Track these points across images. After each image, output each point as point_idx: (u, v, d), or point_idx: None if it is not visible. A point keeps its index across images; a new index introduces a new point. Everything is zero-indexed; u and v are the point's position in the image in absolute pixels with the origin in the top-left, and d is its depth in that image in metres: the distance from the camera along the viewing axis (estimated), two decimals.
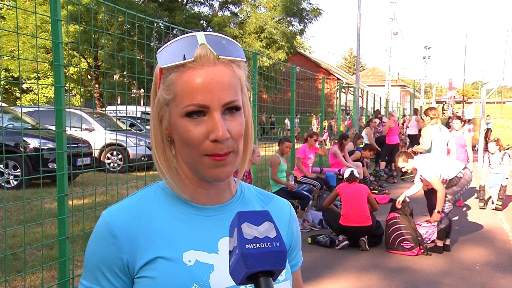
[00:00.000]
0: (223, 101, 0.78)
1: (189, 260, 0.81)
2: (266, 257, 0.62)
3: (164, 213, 0.85)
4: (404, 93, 45.81)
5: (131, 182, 5.97)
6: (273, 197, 1.00)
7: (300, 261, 1.01)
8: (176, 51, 0.79)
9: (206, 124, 0.78)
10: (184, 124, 0.79)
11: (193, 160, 0.81)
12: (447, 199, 5.31)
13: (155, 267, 0.80)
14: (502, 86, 38.91)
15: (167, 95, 0.81)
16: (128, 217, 0.83)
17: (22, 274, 3.75)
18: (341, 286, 4.41)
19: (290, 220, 0.98)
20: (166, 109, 0.83)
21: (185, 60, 0.78)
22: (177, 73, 0.79)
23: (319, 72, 26.02)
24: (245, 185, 0.97)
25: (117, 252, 0.81)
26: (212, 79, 0.78)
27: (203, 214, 0.86)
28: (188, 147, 0.80)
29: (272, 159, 6.54)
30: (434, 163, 5.42)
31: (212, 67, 0.78)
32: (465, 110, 33.53)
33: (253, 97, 6.91)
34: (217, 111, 0.78)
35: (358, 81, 15.36)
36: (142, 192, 0.89)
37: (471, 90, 72.15)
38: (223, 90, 0.78)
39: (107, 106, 14.27)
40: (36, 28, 5.50)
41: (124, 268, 0.82)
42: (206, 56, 0.78)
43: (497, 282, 4.57)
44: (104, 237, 0.82)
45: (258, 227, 0.65)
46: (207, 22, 24.94)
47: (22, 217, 5.96)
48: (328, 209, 5.94)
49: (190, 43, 0.79)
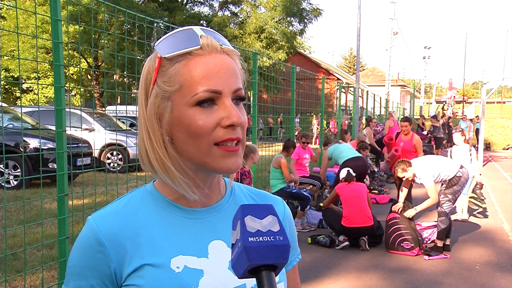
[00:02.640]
0: (233, 87, 0.78)
1: (177, 266, 0.79)
2: (269, 250, 0.62)
3: (151, 217, 0.82)
4: (404, 93, 45.82)
5: (131, 182, 5.97)
6: (266, 196, 0.98)
7: (296, 259, 0.99)
8: (178, 41, 0.78)
9: (217, 112, 0.76)
10: (193, 114, 0.76)
11: (201, 153, 0.78)
12: (447, 198, 5.30)
13: (142, 274, 0.77)
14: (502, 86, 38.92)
15: (170, 86, 0.78)
16: (115, 223, 0.80)
17: (22, 274, 3.75)
18: (341, 286, 4.41)
19: (284, 217, 0.96)
20: (166, 104, 0.78)
21: (193, 47, 0.77)
22: (182, 62, 0.77)
23: (319, 72, 26.03)
24: (235, 184, 0.95)
25: (104, 260, 0.78)
26: (222, 65, 0.77)
27: (192, 217, 0.84)
28: (197, 139, 0.77)
29: (282, 160, 6.52)
30: (432, 166, 5.41)
31: (220, 54, 0.78)
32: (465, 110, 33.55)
33: (253, 97, 6.91)
34: (228, 98, 0.77)
35: (358, 81, 15.35)
36: (128, 196, 0.86)
37: (471, 90, 72.15)
38: (232, 77, 0.78)
39: (107, 106, 14.28)
40: (36, 28, 5.50)
41: (111, 277, 0.79)
42: (212, 44, 0.78)
43: (497, 282, 4.57)
44: (90, 245, 0.79)
45: (262, 220, 0.65)
46: (207, 22, 24.93)
47: (22, 217, 5.96)
48: (328, 209, 5.93)
49: (190, 34, 0.79)
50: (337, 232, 5.72)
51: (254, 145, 5.84)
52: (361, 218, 5.44)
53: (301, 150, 7.46)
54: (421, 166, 5.44)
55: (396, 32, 27.10)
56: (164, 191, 0.85)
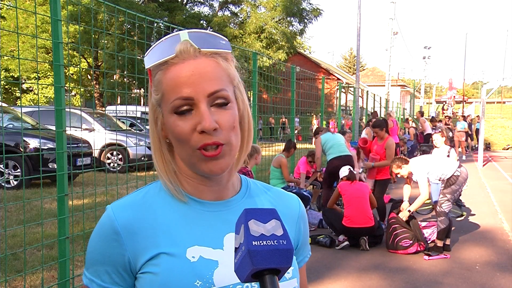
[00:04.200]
0: (207, 91, 0.78)
1: (193, 256, 0.81)
2: (272, 254, 0.62)
3: (168, 209, 0.85)
4: (404, 93, 45.81)
5: (131, 182, 5.97)
6: (282, 193, 0.99)
7: (307, 256, 1.00)
8: (159, 51, 0.81)
9: (193, 117, 0.79)
10: (173, 120, 0.80)
11: (188, 156, 0.82)
12: (446, 198, 5.29)
13: (158, 263, 0.80)
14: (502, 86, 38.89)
15: (156, 95, 0.82)
16: (132, 214, 0.83)
17: (22, 274, 3.75)
18: (341, 286, 4.41)
19: (299, 216, 0.97)
20: (159, 110, 0.84)
21: (166, 57, 0.79)
22: (162, 72, 0.81)
23: (319, 72, 26.03)
24: (251, 180, 0.97)
25: (118, 248, 0.81)
26: (194, 71, 0.78)
27: (208, 210, 0.86)
28: (181, 143, 0.81)
29: (283, 160, 6.52)
30: (428, 164, 5.41)
31: (194, 60, 0.79)
32: (465, 110, 33.56)
33: (253, 97, 6.90)
34: (202, 103, 0.78)
35: (358, 81, 15.35)
36: (147, 188, 0.89)
37: (471, 90, 72.13)
38: (206, 81, 0.79)
39: (107, 106, 14.29)
40: (36, 28, 5.50)
41: (125, 265, 0.82)
42: (186, 50, 0.79)
43: (497, 282, 4.57)
44: (106, 233, 0.83)
45: (265, 224, 0.65)
46: (207, 22, 24.95)
47: (22, 217, 5.96)
48: (330, 209, 5.93)
49: (174, 41, 0.81)
50: (338, 232, 5.71)
51: (258, 146, 5.84)
52: (362, 219, 5.44)
53: (309, 167, 7.59)
54: (417, 164, 5.47)
55: (396, 32, 27.09)
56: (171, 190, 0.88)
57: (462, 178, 5.29)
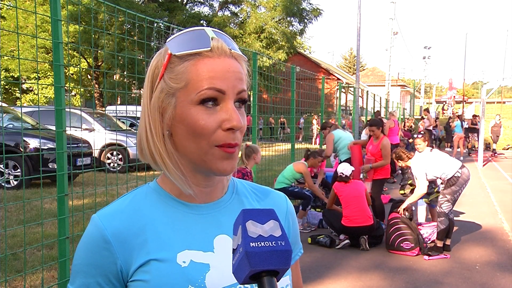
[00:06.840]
0: (237, 89, 0.80)
1: (184, 261, 0.80)
2: (271, 256, 0.61)
3: (156, 213, 0.83)
4: (404, 93, 45.82)
5: (131, 182, 5.98)
6: (269, 192, 0.98)
7: (298, 254, 1.00)
8: (189, 40, 0.80)
9: (219, 113, 0.78)
10: (196, 112, 0.78)
11: (202, 152, 0.80)
12: (446, 198, 5.28)
13: (148, 269, 0.78)
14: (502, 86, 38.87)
15: (176, 83, 0.80)
16: (120, 221, 0.81)
17: (22, 274, 3.76)
18: (341, 286, 4.41)
19: (287, 213, 0.97)
20: (170, 100, 0.80)
21: (201, 49, 0.79)
22: (191, 62, 0.79)
23: (319, 72, 26.05)
24: (237, 180, 0.96)
25: (110, 257, 0.79)
26: (229, 68, 0.79)
27: (197, 213, 0.85)
28: (198, 138, 0.79)
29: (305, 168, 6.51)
30: (428, 161, 5.42)
31: (228, 58, 0.80)
32: (465, 110, 33.54)
33: (253, 97, 6.90)
34: (231, 99, 0.79)
35: (358, 81, 15.34)
36: (133, 193, 0.87)
37: (471, 90, 72.15)
38: (237, 80, 0.80)
39: (107, 106, 14.28)
40: (36, 28, 5.50)
41: (117, 273, 0.80)
42: (222, 47, 0.80)
43: (497, 282, 4.57)
44: (96, 242, 0.80)
45: (263, 225, 0.64)
46: (207, 22, 24.94)
47: (22, 217, 5.96)
48: (329, 209, 5.93)
49: (202, 35, 0.81)
50: (338, 232, 5.72)
51: (256, 146, 5.83)
52: (361, 218, 5.45)
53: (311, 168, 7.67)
54: (417, 160, 5.51)
55: (396, 32, 27.09)
56: (167, 188, 0.87)
57: (463, 180, 5.27)
